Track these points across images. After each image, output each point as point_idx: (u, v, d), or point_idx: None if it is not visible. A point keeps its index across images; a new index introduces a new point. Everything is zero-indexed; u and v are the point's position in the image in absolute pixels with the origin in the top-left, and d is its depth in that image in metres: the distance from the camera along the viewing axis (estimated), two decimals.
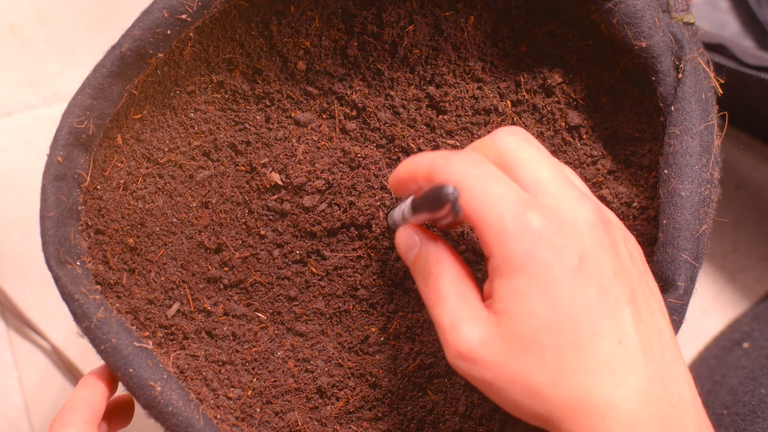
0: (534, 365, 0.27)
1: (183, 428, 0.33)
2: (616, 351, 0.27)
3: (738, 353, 0.48)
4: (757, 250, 0.54)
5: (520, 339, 0.28)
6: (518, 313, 0.28)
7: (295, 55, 0.39)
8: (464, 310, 0.29)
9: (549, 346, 0.27)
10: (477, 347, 0.28)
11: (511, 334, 0.28)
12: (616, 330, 0.27)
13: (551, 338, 0.27)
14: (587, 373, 0.27)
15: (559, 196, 0.29)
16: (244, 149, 0.39)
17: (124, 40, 0.33)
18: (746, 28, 0.55)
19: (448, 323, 0.29)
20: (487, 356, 0.28)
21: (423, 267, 0.31)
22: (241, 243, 0.39)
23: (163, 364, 0.34)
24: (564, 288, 0.27)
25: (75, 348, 0.51)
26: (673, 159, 0.34)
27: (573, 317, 0.27)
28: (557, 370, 0.27)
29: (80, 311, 0.33)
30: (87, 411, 0.33)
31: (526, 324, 0.28)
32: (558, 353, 0.27)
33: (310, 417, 0.38)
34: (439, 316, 0.30)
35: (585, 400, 0.27)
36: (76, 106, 0.34)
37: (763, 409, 0.41)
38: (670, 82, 0.34)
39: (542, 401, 0.28)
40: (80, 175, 0.35)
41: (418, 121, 0.39)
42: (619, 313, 0.27)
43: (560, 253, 0.27)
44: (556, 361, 0.27)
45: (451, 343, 0.29)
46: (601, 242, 0.28)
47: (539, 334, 0.27)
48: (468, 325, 0.29)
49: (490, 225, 0.28)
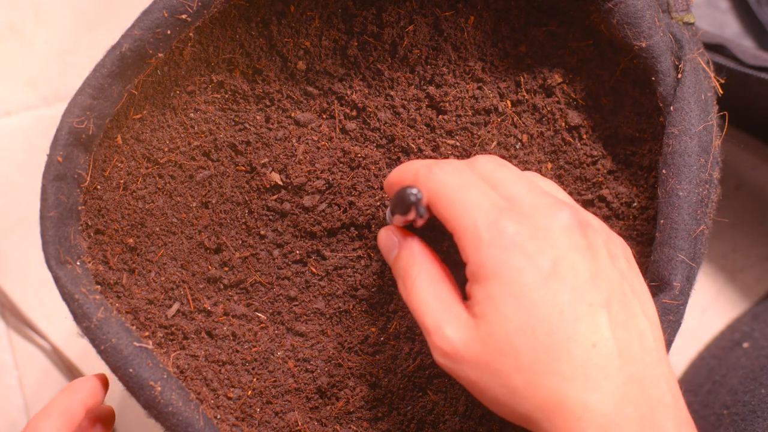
0: (511, 368, 0.28)
1: (183, 428, 0.33)
2: (590, 354, 0.27)
3: (738, 353, 0.48)
4: (757, 250, 0.54)
5: (497, 343, 0.28)
6: (493, 317, 0.28)
7: (295, 55, 0.39)
8: (445, 312, 0.30)
9: (524, 351, 0.28)
10: (460, 348, 0.29)
11: (488, 338, 0.29)
12: (590, 333, 0.28)
13: (525, 343, 0.28)
14: (562, 376, 0.27)
15: (534, 204, 0.30)
16: (244, 149, 0.39)
17: (124, 40, 0.34)
18: (746, 28, 0.55)
19: (432, 325, 0.30)
20: (469, 357, 0.29)
21: (402, 268, 0.33)
22: (241, 243, 0.39)
23: (163, 364, 0.34)
24: (536, 293, 0.28)
25: (75, 348, 0.51)
26: (672, 159, 0.34)
27: (546, 322, 0.28)
28: (533, 374, 0.28)
29: (80, 311, 0.33)
30: (61, 418, 0.33)
31: (501, 329, 0.28)
32: (533, 357, 0.28)
33: (310, 417, 0.38)
34: (422, 318, 0.31)
35: (561, 403, 0.27)
36: (76, 106, 0.34)
37: (763, 409, 0.41)
38: (669, 82, 0.34)
39: (520, 402, 0.28)
40: (80, 175, 0.35)
41: (418, 121, 0.39)
42: (595, 316, 0.28)
43: (533, 259, 0.28)
44: (531, 364, 0.28)
45: (436, 344, 0.30)
46: (577, 245, 0.29)
47: (514, 339, 0.28)
48: (450, 326, 0.30)
49: (466, 232, 0.29)
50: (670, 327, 0.33)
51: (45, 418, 0.32)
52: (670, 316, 0.33)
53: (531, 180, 0.31)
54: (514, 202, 0.30)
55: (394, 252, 0.34)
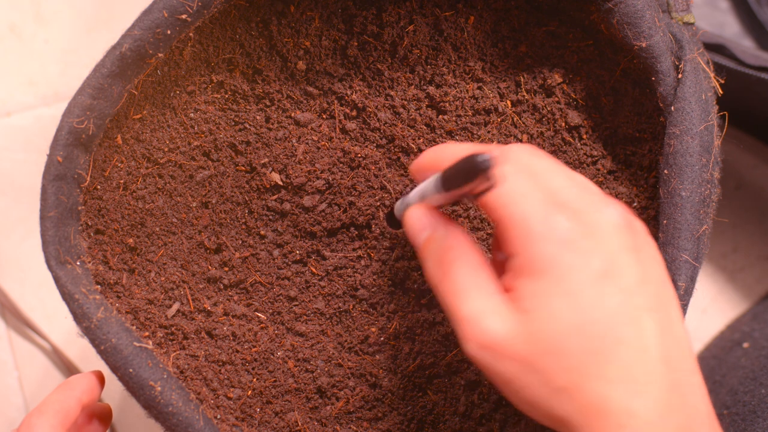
0: (556, 368, 0.27)
1: (183, 428, 0.33)
2: (637, 359, 0.27)
3: (738, 353, 0.48)
4: (757, 250, 0.54)
5: (543, 341, 0.27)
6: (541, 315, 0.27)
7: (295, 55, 0.39)
8: (486, 302, 0.28)
9: (571, 352, 0.27)
10: (501, 341, 0.28)
11: (534, 335, 0.27)
12: (638, 338, 0.27)
13: (574, 344, 0.27)
14: (608, 380, 0.26)
15: (581, 198, 0.28)
16: (244, 149, 0.39)
17: (124, 40, 0.33)
18: (746, 28, 0.55)
19: (469, 314, 0.28)
20: (511, 352, 0.28)
21: (436, 251, 0.30)
22: (241, 243, 0.39)
23: (163, 364, 0.34)
24: (588, 293, 0.27)
25: (75, 348, 0.51)
26: (673, 159, 0.34)
27: (597, 324, 0.27)
28: (578, 375, 0.27)
29: (80, 311, 0.33)
30: (56, 415, 0.32)
31: (549, 327, 0.27)
32: (580, 359, 0.27)
33: (310, 417, 0.38)
34: (456, 307, 0.29)
35: (604, 408, 0.26)
36: (76, 106, 0.34)
37: (763, 409, 0.41)
38: (670, 82, 0.34)
39: (560, 405, 0.27)
40: (80, 175, 0.35)
41: (418, 121, 0.39)
42: (643, 321, 0.27)
43: (586, 258, 0.27)
44: (577, 366, 0.27)
45: (472, 335, 0.28)
46: (627, 246, 0.28)
47: (563, 339, 0.27)
48: (492, 318, 0.28)
49: (515, 223, 0.28)
50: None
51: (40, 415, 0.32)
52: None
53: (571, 172, 0.30)
54: (559, 196, 0.28)
55: (425, 233, 0.31)
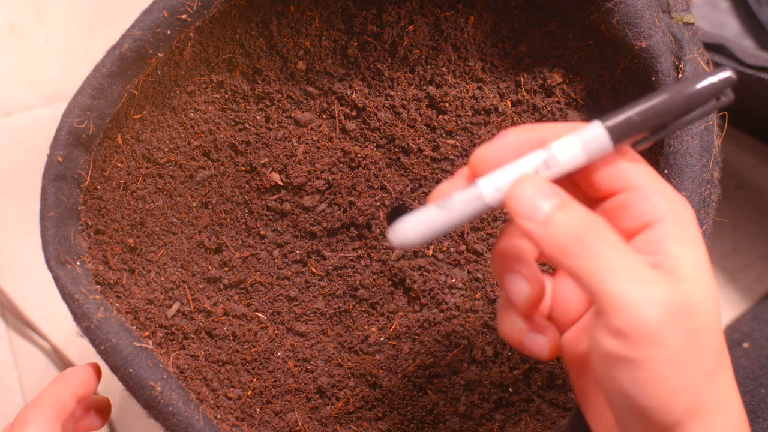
0: (699, 377, 0.26)
1: (183, 428, 0.33)
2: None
3: (738, 353, 0.48)
4: (757, 250, 0.54)
5: (705, 313, 0.27)
6: (703, 283, 0.28)
7: (295, 55, 0.39)
8: (643, 272, 0.26)
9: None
10: (665, 312, 0.25)
11: (696, 305, 0.27)
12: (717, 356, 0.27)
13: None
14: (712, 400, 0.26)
15: (696, 272, 0.29)
16: (244, 149, 0.39)
17: (124, 40, 0.33)
18: (746, 28, 0.55)
19: (624, 290, 0.25)
20: (674, 322, 0.26)
21: (571, 223, 0.25)
22: (241, 243, 0.39)
23: (163, 364, 0.34)
24: None
25: (75, 348, 0.51)
26: (673, 159, 0.34)
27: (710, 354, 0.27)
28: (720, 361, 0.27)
29: (80, 311, 0.33)
30: (52, 408, 0.32)
31: (710, 298, 0.28)
32: None
33: (310, 417, 0.38)
34: (607, 283, 0.25)
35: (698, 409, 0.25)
36: (76, 106, 0.34)
37: (763, 409, 0.41)
38: (670, 82, 0.34)
39: (701, 393, 0.26)
40: (80, 175, 0.35)
41: (418, 121, 0.39)
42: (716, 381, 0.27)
43: None
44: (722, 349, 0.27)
45: (627, 312, 0.25)
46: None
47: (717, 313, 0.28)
48: (653, 289, 0.25)
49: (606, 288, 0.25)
50: None
51: (35, 409, 0.32)
52: None
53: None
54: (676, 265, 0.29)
55: (550, 202, 0.25)
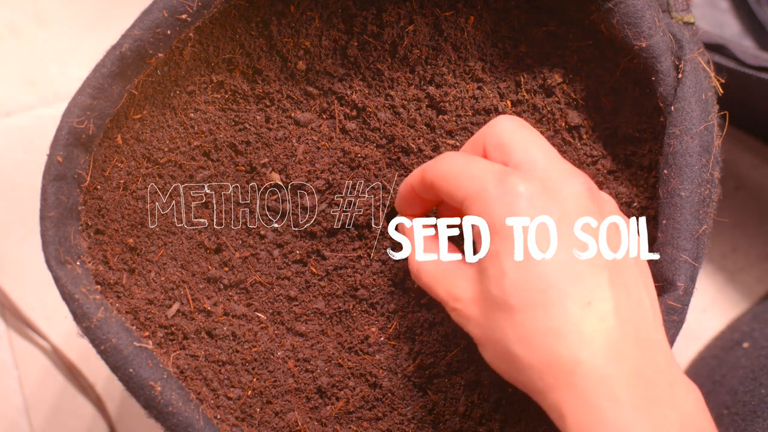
0: (505, 324, 0.28)
1: (183, 428, 0.33)
2: (585, 312, 0.27)
3: (738, 353, 0.48)
4: (757, 250, 0.54)
5: (493, 299, 0.29)
6: (492, 273, 0.29)
7: (295, 55, 0.39)
8: (451, 277, 0.32)
9: (518, 307, 0.28)
10: (465, 304, 0.30)
11: (486, 294, 0.29)
12: (587, 292, 0.27)
13: (519, 299, 0.28)
14: (555, 333, 0.27)
15: (549, 169, 0.30)
16: (244, 149, 0.39)
17: (124, 40, 0.33)
18: (746, 28, 0.55)
19: (445, 295, 0.32)
20: (473, 313, 0.30)
21: (409, 263, 0.35)
22: (241, 243, 0.39)
23: (163, 364, 0.34)
24: (533, 250, 0.28)
25: (75, 348, 0.51)
26: (673, 159, 0.34)
27: (542, 278, 0.28)
28: (525, 331, 0.28)
29: (80, 311, 0.33)
30: None
31: (497, 284, 0.29)
32: (526, 314, 0.28)
33: (310, 417, 0.38)
34: (436, 293, 0.33)
35: (552, 360, 0.27)
36: (76, 106, 0.34)
37: (763, 409, 0.41)
38: (670, 82, 0.34)
39: (514, 361, 0.28)
40: (80, 175, 0.35)
41: (418, 121, 0.39)
42: (595, 275, 0.28)
43: (537, 215, 0.28)
44: (524, 321, 0.28)
45: (449, 305, 0.32)
46: (585, 208, 0.29)
47: (508, 295, 0.28)
48: (458, 287, 0.31)
49: (473, 194, 0.30)
50: (673, 327, 0.33)
51: None
52: (674, 316, 0.33)
53: (548, 144, 0.32)
54: (530, 166, 0.30)
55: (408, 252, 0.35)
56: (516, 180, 0.29)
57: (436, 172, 0.32)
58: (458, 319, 0.31)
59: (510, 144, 0.31)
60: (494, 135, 0.32)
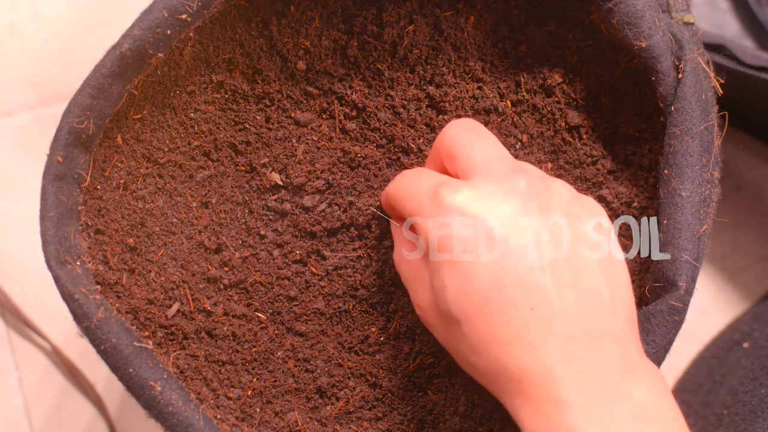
0: (457, 335, 0.29)
1: (183, 428, 0.33)
2: (528, 317, 0.27)
3: (738, 353, 0.48)
4: (757, 250, 0.54)
5: (441, 310, 0.29)
6: (436, 286, 0.29)
7: (295, 55, 0.39)
8: (413, 284, 0.32)
9: (462, 319, 0.28)
10: (426, 312, 0.31)
11: (437, 305, 0.30)
12: (528, 297, 0.27)
13: (461, 311, 0.28)
14: (499, 342, 0.27)
15: (488, 172, 0.30)
16: (244, 149, 0.39)
17: (124, 40, 0.33)
18: (746, 28, 0.55)
19: (412, 300, 0.33)
20: (433, 320, 0.31)
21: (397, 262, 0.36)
22: (241, 243, 0.39)
23: (163, 364, 0.34)
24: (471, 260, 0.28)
25: (75, 348, 0.51)
26: (674, 159, 0.34)
27: (480, 289, 0.27)
28: (474, 341, 0.28)
29: (80, 311, 0.33)
30: None
31: (441, 297, 0.29)
32: (471, 325, 0.28)
33: (310, 417, 0.38)
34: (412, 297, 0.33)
35: (500, 369, 0.27)
36: (76, 106, 0.34)
37: (763, 409, 0.41)
38: (670, 82, 0.34)
39: (473, 368, 0.29)
40: (80, 175, 0.35)
41: (418, 121, 0.39)
42: (535, 278, 0.27)
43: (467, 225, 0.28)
44: (470, 332, 0.28)
45: (416, 311, 0.33)
46: (525, 209, 0.28)
47: (451, 308, 0.28)
48: (419, 293, 0.32)
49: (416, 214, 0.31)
50: (673, 327, 0.33)
51: None
52: (674, 316, 0.33)
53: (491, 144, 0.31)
54: (473, 170, 0.30)
55: None
56: (444, 193, 0.29)
57: (390, 194, 0.34)
58: (425, 325, 0.32)
59: (455, 151, 0.31)
60: (443, 145, 0.32)
